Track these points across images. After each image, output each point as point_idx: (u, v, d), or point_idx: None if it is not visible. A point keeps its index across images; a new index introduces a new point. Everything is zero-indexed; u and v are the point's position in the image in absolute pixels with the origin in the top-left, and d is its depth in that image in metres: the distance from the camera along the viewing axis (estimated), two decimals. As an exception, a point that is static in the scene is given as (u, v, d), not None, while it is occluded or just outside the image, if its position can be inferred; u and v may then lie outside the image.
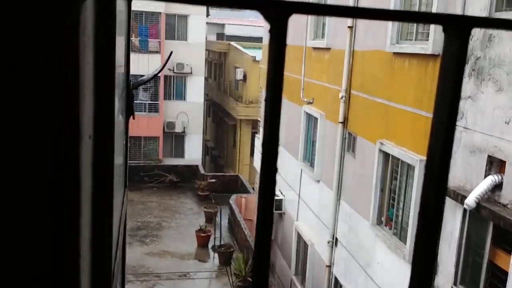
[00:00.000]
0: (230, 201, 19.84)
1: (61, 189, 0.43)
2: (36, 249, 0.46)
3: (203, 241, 18.13)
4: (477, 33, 6.42)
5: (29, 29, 0.40)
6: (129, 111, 1.57)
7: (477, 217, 6.42)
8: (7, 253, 0.46)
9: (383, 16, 0.47)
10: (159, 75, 25.59)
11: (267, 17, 0.45)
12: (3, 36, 0.39)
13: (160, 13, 25.72)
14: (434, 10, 7.38)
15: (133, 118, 1.68)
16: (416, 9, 8.19)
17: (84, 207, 0.55)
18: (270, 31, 0.46)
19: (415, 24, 8.26)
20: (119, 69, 1.42)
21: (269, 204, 0.46)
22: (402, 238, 8.36)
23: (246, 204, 18.74)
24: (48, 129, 0.41)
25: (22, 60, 0.40)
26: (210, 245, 18.19)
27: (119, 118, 1.32)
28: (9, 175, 0.43)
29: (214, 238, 18.05)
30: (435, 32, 7.31)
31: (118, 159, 1.35)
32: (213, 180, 23.64)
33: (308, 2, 0.47)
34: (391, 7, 8.60)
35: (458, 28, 0.48)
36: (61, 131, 0.42)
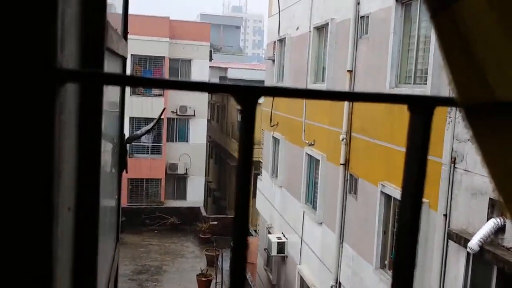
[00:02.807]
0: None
1: (32, 264, 0.44)
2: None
3: (204, 286, 17.80)
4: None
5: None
6: (122, 165, 1.59)
7: (481, 260, 6.32)
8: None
9: (347, 97, 0.49)
10: (162, 118, 25.84)
11: (238, 100, 0.48)
12: None
13: (164, 57, 26.22)
14: (430, 67, 7.52)
15: (126, 172, 1.70)
16: (415, 39, 8.34)
17: (62, 282, 0.56)
18: (241, 111, 0.48)
19: (413, 68, 8.41)
20: (114, 124, 1.45)
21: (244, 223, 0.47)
22: (406, 282, 8.21)
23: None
24: (17, 203, 0.43)
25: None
26: (211, 290, 17.84)
27: (111, 173, 1.34)
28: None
29: (215, 283, 17.73)
30: (433, 76, 7.43)
31: (109, 214, 1.36)
32: (215, 223, 23.45)
33: (274, 86, 0.49)
34: (389, 63, 8.76)
35: (422, 107, 0.51)
36: (31, 206, 0.44)
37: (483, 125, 0.50)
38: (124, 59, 1.51)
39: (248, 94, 0.47)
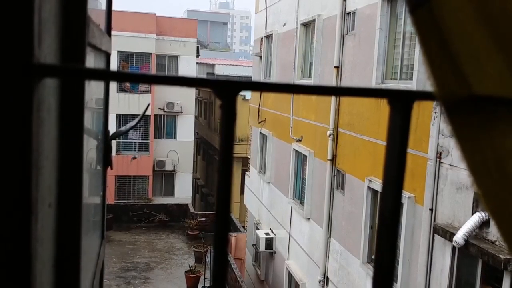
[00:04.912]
0: (221, 240, 19.52)
1: (10, 264, 0.44)
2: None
3: (192, 282, 17.79)
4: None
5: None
6: (106, 162, 1.58)
7: (466, 254, 6.40)
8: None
9: (330, 92, 0.49)
10: (149, 114, 25.72)
11: (218, 95, 0.48)
12: None
13: (150, 54, 26.07)
14: (416, 63, 7.58)
15: (111, 169, 1.69)
16: (401, 35, 8.39)
17: (42, 280, 0.56)
18: (221, 106, 0.48)
19: (399, 64, 8.46)
20: (98, 120, 1.44)
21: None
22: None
23: (236, 243, 18.51)
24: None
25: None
26: (200, 286, 17.83)
27: (95, 170, 1.33)
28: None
29: (204, 279, 17.72)
30: (419, 72, 7.48)
31: (94, 210, 1.35)
32: (203, 219, 23.42)
33: (253, 81, 0.49)
34: (375, 59, 8.81)
35: (401, 101, 0.51)
36: (8, 201, 0.43)
37: (461, 120, 0.50)
38: (108, 55, 1.50)
39: (227, 88, 0.47)
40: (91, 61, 1.13)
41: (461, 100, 0.50)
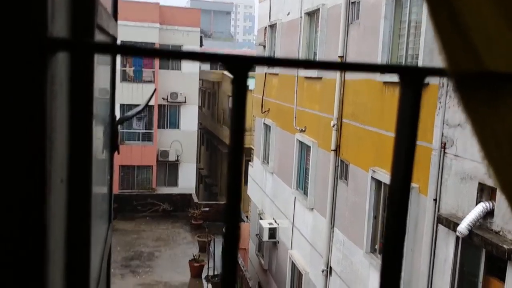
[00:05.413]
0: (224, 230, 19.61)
1: (24, 236, 0.44)
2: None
3: (196, 271, 17.90)
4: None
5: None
6: (113, 147, 1.59)
7: (470, 244, 6.41)
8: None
9: (339, 67, 0.50)
10: (153, 104, 25.72)
11: (230, 70, 0.48)
12: None
13: (154, 43, 26.01)
14: (421, 52, 7.53)
15: (118, 153, 1.70)
16: (406, 24, 8.35)
17: (54, 256, 0.56)
18: (233, 81, 0.49)
19: (404, 53, 8.42)
20: (104, 106, 1.44)
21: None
22: (396, 266, 8.31)
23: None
24: (9, 170, 0.43)
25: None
26: (203, 275, 17.95)
27: (103, 154, 1.34)
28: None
29: (208, 268, 17.83)
30: (423, 61, 7.45)
31: (101, 194, 1.36)
32: (207, 209, 23.51)
33: (265, 56, 0.49)
34: (380, 48, 8.77)
35: (412, 78, 0.51)
36: (24, 175, 0.44)
37: (471, 95, 0.50)
38: (114, 39, 1.50)
39: (239, 63, 0.47)
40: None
41: (471, 75, 0.50)
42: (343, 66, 0.50)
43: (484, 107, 0.50)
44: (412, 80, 0.50)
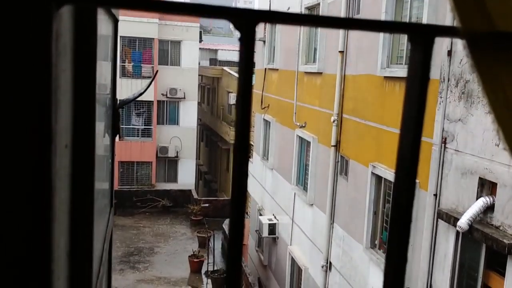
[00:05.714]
0: (224, 226, 19.68)
1: (31, 199, 0.44)
2: (3, 267, 0.46)
3: (196, 266, 17.92)
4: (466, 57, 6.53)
5: None
6: (115, 131, 1.58)
7: (470, 239, 6.41)
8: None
9: (346, 25, 0.49)
10: (152, 100, 25.69)
11: (236, 25, 0.47)
12: None
13: (153, 39, 25.96)
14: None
15: (120, 138, 1.69)
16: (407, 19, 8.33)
17: (59, 218, 0.56)
18: (240, 38, 0.48)
19: (404, 48, 8.40)
20: (105, 89, 1.43)
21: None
22: (396, 261, 8.31)
23: (240, 229, 18.58)
24: (15, 133, 0.42)
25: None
26: (203, 271, 17.97)
27: (105, 137, 1.33)
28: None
29: (207, 264, 17.85)
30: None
31: (103, 175, 1.35)
32: (206, 205, 23.53)
33: (274, 11, 0.48)
34: (380, 44, 8.74)
35: (422, 37, 0.50)
36: (30, 136, 0.43)
37: (483, 54, 0.50)
38: (116, 21, 1.49)
39: (246, 18, 0.46)
40: (101, 24, 1.12)
41: (483, 35, 0.49)
42: (348, 22, 0.49)
43: (495, 68, 0.49)
44: (422, 39, 0.49)
